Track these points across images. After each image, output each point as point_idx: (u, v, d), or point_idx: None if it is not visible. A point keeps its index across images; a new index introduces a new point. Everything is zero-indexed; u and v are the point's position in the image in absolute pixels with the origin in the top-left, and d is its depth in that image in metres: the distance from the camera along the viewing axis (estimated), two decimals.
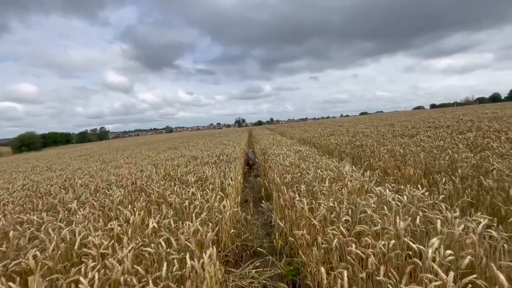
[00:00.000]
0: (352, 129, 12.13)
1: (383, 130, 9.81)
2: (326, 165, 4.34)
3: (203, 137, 21.52)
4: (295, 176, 3.88)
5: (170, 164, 6.43)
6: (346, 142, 7.61)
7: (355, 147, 6.55)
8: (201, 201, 3.02)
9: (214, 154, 7.48)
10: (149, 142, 24.67)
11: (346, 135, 9.64)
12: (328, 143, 8.15)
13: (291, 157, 5.57)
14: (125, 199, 3.42)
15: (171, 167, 5.77)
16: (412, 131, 8.26)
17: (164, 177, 4.76)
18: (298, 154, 5.94)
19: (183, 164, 6.27)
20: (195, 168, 5.33)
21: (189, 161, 6.69)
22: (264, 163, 6.27)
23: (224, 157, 6.60)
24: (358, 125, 14.45)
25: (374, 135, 8.44)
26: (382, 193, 2.65)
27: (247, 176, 6.67)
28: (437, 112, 22.00)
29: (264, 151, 7.79)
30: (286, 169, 4.45)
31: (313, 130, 15.09)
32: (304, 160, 5.15)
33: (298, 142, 9.99)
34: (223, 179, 4.11)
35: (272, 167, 4.91)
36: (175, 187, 3.75)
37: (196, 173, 4.77)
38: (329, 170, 3.94)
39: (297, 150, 6.71)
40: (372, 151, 5.67)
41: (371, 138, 7.83)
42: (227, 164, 5.79)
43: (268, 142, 10.08)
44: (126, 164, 7.90)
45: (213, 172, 4.64)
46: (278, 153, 6.37)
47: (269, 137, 14.14)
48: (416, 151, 4.80)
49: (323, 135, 10.82)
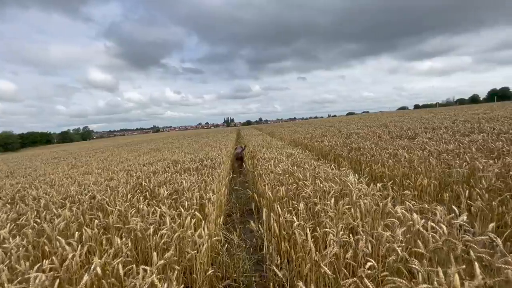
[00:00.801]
0: (345, 129, 11.66)
1: (378, 131, 9.36)
2: (325, 173, 3.72)
3: (189, 138, 20.61)
4: (290, 188, 3.24)
5: (146, 170, 5.65)
6: (341, 144, 7.06)
7: (352, 150, 5.99)
8: (172, 226, 2.32)
9: (197, 158, 6.75)
10: (133, 143, 23.46)
11: (340, 136, 9.12)
12: (321, 145, 7.58)
13: (283, 162, 4.93)
14: (72, 223, 2.65)
15: (145, 175, 5.01)
16: (409, 132, 7.82)
17: (134, 188, 4.00)
18: (291, 159, 5.31)
19: (161, 170, 5.51)
20: (172, 176, 4.59)
21: (168, 166, 5.93)
22: (253, 168, 5.60)
23: (208, 162, 5.88)
24: (350, 125, 14.03)
25: (370, 136, 7.95)
26: (406, 217, 2.05)
27: (235, 175, 5.99)
28: (426, 112, 22.06)
29: (253, 155, 7.12)
30: (278, 179, 3.80)
31: (303, 131, 14.55)
32: (299, 166, 4.52)
33: (289, 144, 9.39)
34: (203, 192, 3.41)
35: (263, 175, 4.25)
36: (143, 204, 3.02)
37: (172, 183, 4.04)
38: (330, 181, 3.32)
39: (289, 154, 6.08)
40: (372, 155, 5.12)
41: (367, 139, 7.32)
42: (211, 170, 5.09)
43: (258, 144, 9.42)
44: (98, 169, 7.02)
45: (193, 182, 3.92)
46: (268, 157, 5.72)
47: (258, 137, 13.50)
48: (424, 155, 4.27)
49: (315, 136, 10.27)
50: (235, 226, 3.66)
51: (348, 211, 2.34)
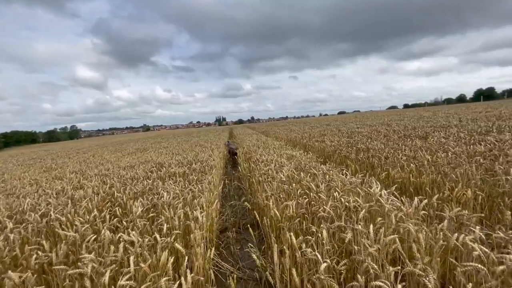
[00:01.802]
0: (344, 128, 11.06)
1: (381, 129, 8.78)
2: (342, 182, 3.02)
3: (179, 137, 19.69)
4: (301, 202, 2.53)
5: (124, 175, 4.85)
6: (345, 144, 6.41)
7: (359, 151, 5.34)
8: (140, 271, 1.58)
9: (186, 160, 5.97)
10: (119, 142, 22.33)
11: (341, 136, 8.49)
12: (323, 146, 6.92)
13: (286, 166, 4.23)
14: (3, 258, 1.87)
15: (121, 182, 4.21)
16: (417, 131, 7.23)
17: (103, 200, 3.21)
18: (294, 162, 4.60)
19: (142, 175, 4.72)
20: (154, 184, 3.81)
21: (151, 170, 5.14)
22: (249, 173, 4.87)
23: (197, 165, 5.12)
24: (348, 124, 13.47)
25: (375, 135, 7.34)
26: (490, 257, 1.37)
27: (228, 181, 5.24)
28: (423, 110, 21.82)
29: (248, 156, 6.38)
30: (283, 188, 3.09)
31: (299, 130, 13.90)
32: (305, 171, 3.82)
33: (286, 144, 8.70)
34: (189, 208, 2.66)
35: (263, 182, 3.53)
36: (107, 227, 2.25)
37: (152, 194, 3.27)
38: (351, 193, 2.63)
39: (290, 155, 5.38)
40: (386, 157, 4.47)
41: (373, 139, 6.70)
42: (201, 175, 4.34)
43: (252, 144, 8.69)
44: (72, 173, 6.15)
45: (177, 193, 3.16)
46: (267, 159, 5.00)
47: (251, 137, 12.75)
48: (452, 158, 3.64)
49: (313, 136, 9.62)
50: (230, 250, 2.93)
51: (393, 244, 1.65)
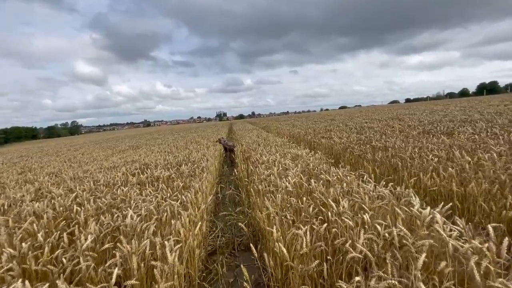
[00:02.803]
0: (351, 123, 10.27)
1: (394, 124, 8.00)
2: (366, 193, 2.26)
3: (177, 133, 18.96)
4: (318, 229, 1.79)
5: (101, 179, 4.11)
6: (356, 142, 5.65)
7: (376, 150, 4.58)
8: None
9: (176, 161, 5.22)
10: (115, 139, 21.61)
11: (349, 131, 7.72)
12: (331, 143, 6.16)
13: (291, 169, 3.47)
14: None
15: (92, 189, 3.48)
16: (437, 126, 6.45)
17: (54, 219, 2.48)
18: (300, 163, 3.84)
19: (121, 179, 3.99)
20: (128, 193, 3.07)
21: (133, 173, 4.41)
22: (247, 177, 4.12)
23: (187, 167, 4.37)
24: (354, 119, 12.65)
25: (389, 131, 6.57)
26: None
27: (223, 185, 4.50)
28: (431, 104, 20.95)
29: (247, 155, 5.64)
30: (289, 202, 2.35)
31: (302, 125, 13.11)
32: (316, 177, 3.07)
33: (289, 141, 7.93)
34: (160, 237, 1.93)
35: (263, 192, 2.78)
36: (36, 268, 1.52)
37: (120, 208, 2.54)
38: (386, 213, 1.89)
39: (295, 155, 4.62)
40: (411, 158, 3.71)
41: (388, 135, 5.93)
42: (189, 180, 3.60)
43: (252, 140, 7.94)
44: (48, 175, 5.43)
45: (150, 209, 2.42)
46: (268, 160, 4.24)
47: (252, 132, 11.99)
48: (504, 162, 2.88)
49: (318, 131, 8.85)
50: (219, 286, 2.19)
51: None
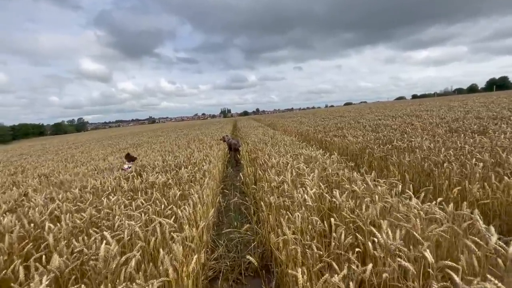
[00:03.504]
0: (363, 120, 9.65)
1: (414, 121, 7.38)
2: (412, 214, 1.72)
3: (180, 130, 18.55)
4: (357, 267, 1.27)
5: (93, 183, 3.64)
6: (374, 141, 5.09)
7: (402, 151, 4.01)
8: None
9: (175, 162, 4.74)
10: (118, 136, 21.31)
11: (363, 129, 7.14)
12: (346, 143, 5.59)
13: (306, 174, 2.94)
14: None
15: (76, 199, 3.01)
16: (465, 123, 5.81)
17: (18, 245, 2.00)
18: (316, 167, 3.30)
19: (111, 185, 3.51)
20: (117, 202, 2.59)
21: (127, 177, 3.94)
22: (254, 183, 3.60)
23: (187, 171, 3.88)
24: (365, 115, 12.01)
25: (410, 129, 5.97)
26: None
27: (227, 190, 4.00)
28: (446, 100, 20.09)
29: (254, 156, 5.12)
30: (311, 223, 1.83)
31: (311, 122, 12.51)
32: (338, 185, 2.54)
33: (298, 139, 7.38)
34: (144, 274, 1.43)
35: (274, 204, 2.27)
36: None
37: (101, 228, 2.06)
38: (452, 246, 1.36)
39: (308, 156, 4.08)
40: (448, 161, 3.14)
41: (410, 134, 5.35)
42: (188, 186, 3.11)
43: (258, 138, 7.42)
44: (36, 178, 5.00)
45: (135, 231, 1.92)
46: (278, 163, 3.71)
47: (257, 130, 11.45)
48: None
49: (329, 129, 8.27)
50: None
51: None
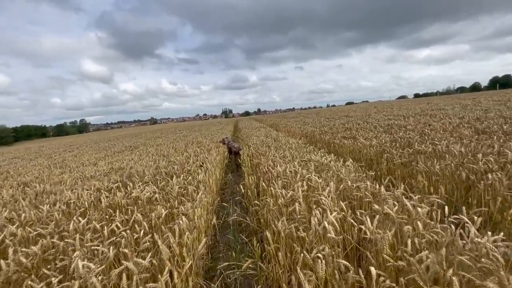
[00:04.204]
0: (371, 120, 9.08)
1: (428, 121, 6.81)
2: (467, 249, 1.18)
3: (180, 131, 18.04)
4: None
5: (67, 197, 3.12)
6: (391, 144, 4.53)
7: (428, 157, 3.45)
8: None
9: (168, 169, 4.21)
10: (117, 137, 20.85)
11: (373, 130, 6.58)
12: (358, 146, 5.03)
13: (322, 188, 2.40)
14: None
15: (40, 220, 2.49)
16: (491, 124, 5.24)
17: None
18: (330, 176, 2.75)
19: (88, 200, 2.99)
20: (87, 227, 2.06)
21: (110, 188, 3.41)
22: (257, 199, 3.05)
23: (179, 181, 3.34)
24: (372, 115, 11.43)
25: (428, 130, 5.40)
26: None
27: (225, 203, 3.45)
28: (455, 99, 19.45)
29: (257, 161, 4.58)
30: (337, 266, 1.29)
31: (316, 123, 11.95)
32: (361, 202, 1.99)
33: (304, 141, 6.83)
34: None
35: (284, 236, 1.73)
36: None
37: (57, 267, 1.53)
38: None
39: (319, 163, 3.53)
40: (491, 170, 2.58)
41: (430, 136, 4.78)
42: (179, 200, 2.58)
43: (260, 141, 6.88)
44: (12, 188, 4.50)
45: (111, 262, 1.39)
46: (285, 171, 3.16)
47: (259, 131, 10.90)
48: None
49: (336, 130, 7.71)
50: None
51: None
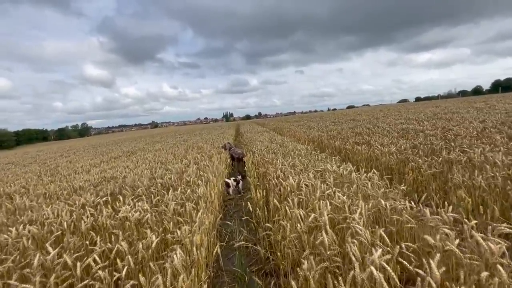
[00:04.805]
0: (382, 124, 8.60)
1: (445, 125, 6.33)
2: None
3: (181, 135, 17.61)
4: None
5: (44, 216, 2.65)
6: (412, 151, 4.06)
7: (465, 167, 2.97)
8: None
9: (164, 180, 3.74)
10: (116, 142, 20.42)
11: (388, 135, 6.10)
12: (375, 153, 4.55)
13: (349, 209, 1.92)
14: None
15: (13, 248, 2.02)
16: None
17: None
18: (359, 195, 2.28)
19: (68, 223, 2.52)
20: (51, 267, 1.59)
21: (96, 205, 2.94)
22: (267, 220, 2.57)
23: (176, 194, 2.87)
24: (380, 119, 10.96)
25: (451, 135, 4.92)
26: None
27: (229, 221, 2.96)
28: (463, 102, 18.97)
29: (264, 170, 4.09)
30: None
31: (319, 126, 11.47)
32: (414, 237, 1.52)
33: (312, 147, 6.33)
34: None
35: None
36: None
37: None
38: None
39: (337, 174, 3.05)
40: None
41: (455, 141, 4.30)
42: (173, 224, 2.10)
43: (265, 146, 6.41)
44: None
45: None
46: (299, 184, 2.68)
47: (262, 135, 10.41)
48: None
49: (345, 134, 7.22)
50: None
51: None
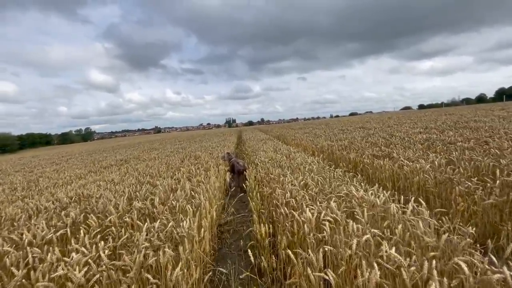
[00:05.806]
0: (400, 133, 7.88)
1: (477, 136, 5.62)
2: None
3: (180, 142, 17.01)
4: None
5: None
6: (445, 169, 3.36)
7: None
8: None
9: (142, 204, 3.07)
10: (114, 148, 19.87)
11: (411, 146, 5.40)
12: (404, 171, 3.84)
13: (398, 271, 1.24)
14: None
15: None
16: None
17: None
18: (410, 242, 1.59)
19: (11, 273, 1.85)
20: None
21: (57, 239, 2.28)
22: (282, 274, 1.88)
23: (152, 230, 2.20)
24: (393, 127, 10.24)
25: (493, 148, 4.20)
26: None
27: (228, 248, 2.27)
28: (472, 109, 18.21)
29: (268, 192, 3.40)
30: None
31: (327, 135, 10.78)
32: None
33: (321, 158, 5.63)
34: None
35: None
36: None
37: None
38: None
39: (368, 203, 2.36)
40: None
41: (499, 157, 3.59)
42: (141, 283, 1.42)
43: (269, 157, 5.73)
44: None
45: None
46: (319, 219, 2.00)
47: (266, 144, 9.68)
48: None
49: (360, 145, 6.52)
50: None
51: None
